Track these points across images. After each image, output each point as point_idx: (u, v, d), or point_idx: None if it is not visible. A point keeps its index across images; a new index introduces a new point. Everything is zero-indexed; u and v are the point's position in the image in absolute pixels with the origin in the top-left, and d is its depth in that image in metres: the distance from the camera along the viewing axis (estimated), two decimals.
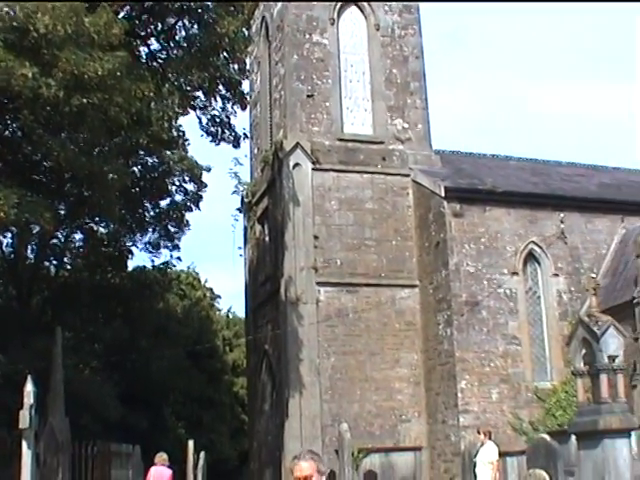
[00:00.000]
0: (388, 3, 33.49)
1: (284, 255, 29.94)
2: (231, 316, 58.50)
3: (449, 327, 28.84)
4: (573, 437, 18.89)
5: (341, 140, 31.52)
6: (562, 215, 31.35)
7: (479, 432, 22.95)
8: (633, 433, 20.12)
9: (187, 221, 40.22)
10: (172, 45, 26.61)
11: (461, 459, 25.16)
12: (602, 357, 17.79)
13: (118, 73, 20.78)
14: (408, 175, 31.63)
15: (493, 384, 28.69)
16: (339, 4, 32.94)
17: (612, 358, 17.97)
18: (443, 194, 29.53)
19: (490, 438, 22.23)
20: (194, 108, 28.67)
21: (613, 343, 18.00)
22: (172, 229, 39.88)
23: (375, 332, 30.02)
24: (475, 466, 21.76)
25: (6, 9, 19.58)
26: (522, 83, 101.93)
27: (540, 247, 30.86)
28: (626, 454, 17.48)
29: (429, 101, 33.49)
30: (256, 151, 35.79)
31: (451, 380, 28.53)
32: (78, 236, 38.29)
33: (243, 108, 29.79)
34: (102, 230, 37.78)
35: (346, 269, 30.24)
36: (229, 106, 29.02)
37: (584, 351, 18.54)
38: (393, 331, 30.21)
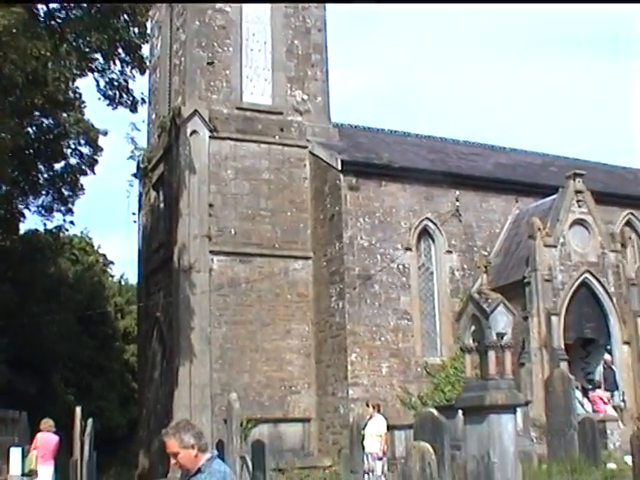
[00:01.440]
0: None
1: (178, 222, 29.68)
2: (124, 283, 57.82)
3: (341, 300, 28.97)
4: (460, 412, 19.13)
5: (240, 109, 31.32)
6: (457, 193, 31.68)
7: (368, 405, 23.11)
8: (519, 409, 20.50)
9: (82, 185, 39.50)
10: (71, 5, 26.04)
11: (349, 431, 25.29)
12: (491, 334, 18.00)
13: (14, 30, 20.31)
14: (306, 147, 31.61)
15: (383, 358, 28.93)
16: None
17: (500, 335, 18.20)
18: (339, 167, 29.59)
19: (379, 411, 22.40)
20: (92, 70, 28.07)
21: (502, 321, 18.22)
22: (66, 193, 39.11)
23: (267, 303, 30.01)
24: (363, 438, 21.90)
25: None
26: (426, 62, 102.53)
27: (434, 224, 31.16)
28: (511, 430, 17.75)
29: (330, 74, 33.52)
30: (154, 117, 35.36)
31: (341, 353, 28.69)
32: None
33: (142, 73, 29.27)
34: None
35: (240, 239, 30.13)
36: (128, 70, 28.45)
37: (473, 328, 18.75)
38: (285, 302, 30.24)
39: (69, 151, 38.58)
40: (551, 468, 21.56)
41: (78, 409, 26.91)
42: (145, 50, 29.49)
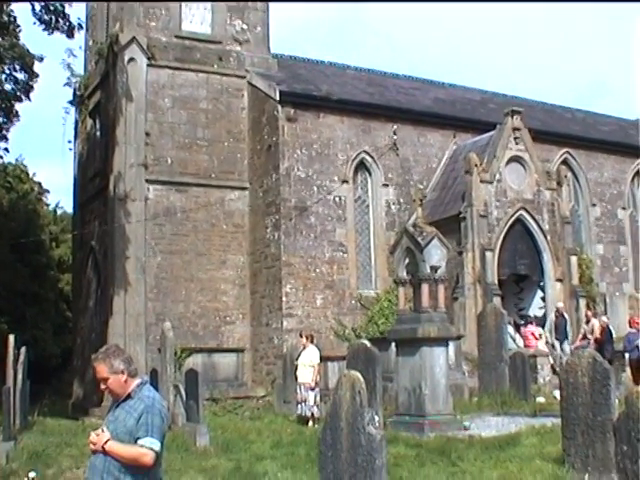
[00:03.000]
0: None
1: (114, 151, 29.26)
2: (59, 212, 57.16)
3: (277, 231, 28.93)
4: (393, 344, 19.28)
5: (178, 37, 30.83)
6: (395, 127, 31.66)
7: (302, 336, 23.22)
8: (451, 343, 20.72)
9: (16, 112, 38.64)
10: None
11: (283, 362, 25.43)
12: (425, 267, 18.14)
13: None
14: (244, 77, 31.26)
15: (318, 290, 29.02)
16: None
17: (434, 269, 18.34)
18: (278, 98, 29.37)
19: (312, 342, 22.50)
20: None
21: (436, 254, 18.37)
22: (0, 119, 38.40)
23: (203, 233, 29.86)
24: (296, 369, 22.01)
25: None
26: None
27: (372, 157, 31.14)
28: (443, 362, 17.98)
29: (270, 4, 33.06)
30: (91, 43, 34.66)
31: (276, 284, 28.72)
32: None
33: None
34: None
35: (177, 168, 29.84)
36: None
37: (407, 261, 18.88)
38: (221, 232, 30.11)
39: (3, 77, 37.71)
40: (482, 401, 21.89)
41: (11, 337, 26.62)
42: None
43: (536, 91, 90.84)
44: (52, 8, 28.08)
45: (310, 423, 20.63)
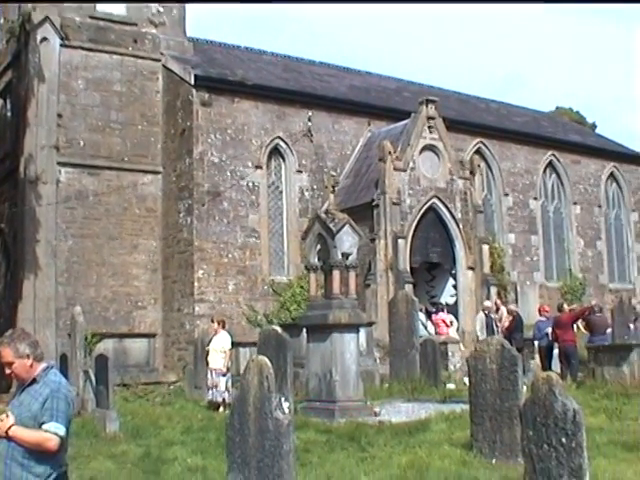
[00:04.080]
0: None
1: (25, 132, 28.76)
2: None
3: (189, 216, 28.78)
4: (305, 331, 19.29)
5: (93, 18, 30.35)
6: (310, 113, 31.66)
7: (213, 321, 23.10)
8: (362, 329, 20.78)
9: None
10: None
11: (194, 347, 25.30)
12: (336, 253, 18.16)
13: None
14: (159, 60, 30.96)
15: (230, 275, 28.93)
16: None
17: (346, 255, 18.37)
18: (192, 82, 29.17)
19: (224, 327, 22.40)
20: None
21: (348, 241, 18.39)
22: None
23: (115, 216, 29.53)
24: (207, 354, 21.91)
25: None
26: None
27: (286, 143, 31.12)
28: (353, 349, 18.02)
29: None
30: (2, 21, 33.97)
31: (188, 269, 28.57)
32: None
33: None
34: None
35: (89, 151, 29.44)
36: None
37: (319, 247, 18.88)
38: (133, 217, 29.82)
39: None
40: (392, 387, 22.01)
41: None
42: None
43: (451, 81, 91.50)
44: None
45: (221, 409, 20.55)
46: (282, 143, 31.09)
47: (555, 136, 41.47)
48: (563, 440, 9.11)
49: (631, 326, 26.11)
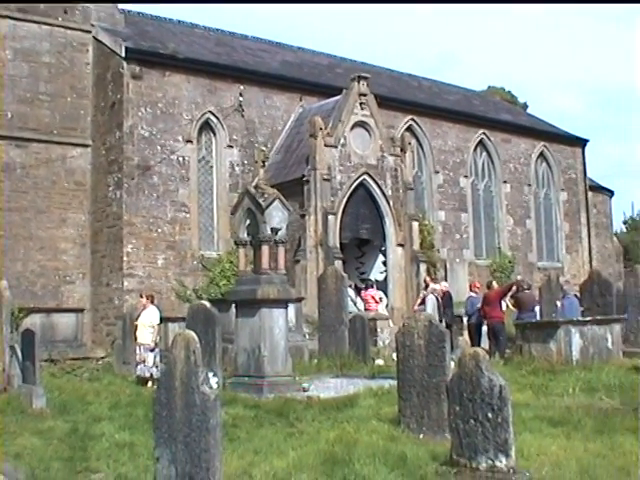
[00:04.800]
0: None
1: None
2: None
3: (119, 190, 28.53)
4: (234, 306, 19.23)
5: None
6: (242, 88, 31.54)
7: (142, 296, 22.97)
8: (291, 305, 20.78)
9: None
10: None
11: (122, 322, 25.11)
12: (265, 229, 18.11)
13: None
14: (89, 32, 30.56)
15: (159, 250, 28.78)
16: None
17: (275, 231, 18.33)
18: (123, 54, 28.86)
19: (152, 302, 22.27)
20: None
21: (277, 216, 18.34)
22: None
23: (43, 190, 29.15)
24: (136, 329, 21.77)
25: None
26: None
27: (217, 117, 30.95)
28: (282, 324, 18.00)
29: None
30: None
31: (117, 243, 28.35)
32: None
33: None
34: None
35: (17, 122, 28.98)
36: None
37: (248, 222, 18.82)
38: (62, 190, 29.46)
39: None
40: (321, 363, 22.04)
41: None
42: None
43: (384, 59, 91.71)
44: None
45: (149, 384, 20.44)
46: (213, 117, 30.92)
47: (486, 115, 41.74)
48: (489, 415, 9.19)
49: (558, 304, 26.42)
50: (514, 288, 24.77)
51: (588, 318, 21.75)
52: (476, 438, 9.28)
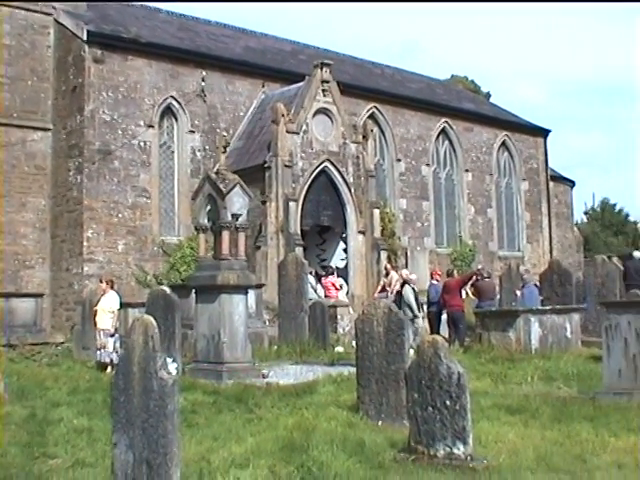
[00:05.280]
0: None
1: None
2: None
3: (79, 174, 28.38)
4: (194, 292, 19.20)
5: None
6: (204, 73, 31.43)
7: (102, 281, 22.86)
8: (252, 291, 20.76)
9: None
10: None
11: (82, 307, 24.99)
12: (226, 214, 18.06)
13: None
14: (51, 14, 30.30)
15: (120, 235, 28.67)
16: None
17: (236, 217, 18.29)
18: (85, 38, 28.68)
19: (112, 288, 22.19)
20: None
21: (238, 202, 18.29)
22: None
23: (2, 174, 28.90)
24: (95, 314, 21.68)
25: None
26: None
27: (179, 103, 30.84)
28: (242, 310, 17.97)
29: None
30: None
31: (77, 228, 28.20)
32: None
33: None
34: None
35: None
36: None
37: (209, 207, 18.76)
38: (22, 174, 29.23)
39: None
40: (281, 349, 22.06)
41: None
42: None
43: (348, 46, 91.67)
44: None
45: (109, 369, 20.36)
46: (175, 103, 30.81)
47: (449, 104, 41.88)
48: (447, 402, 9.26)
49: (518, 293, 26.58)
50: (474, 277, 24.93)
51: (547, 307, 21.98)
52: (434, 425, 9.34)
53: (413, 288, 25.38)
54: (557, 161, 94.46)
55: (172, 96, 30.66)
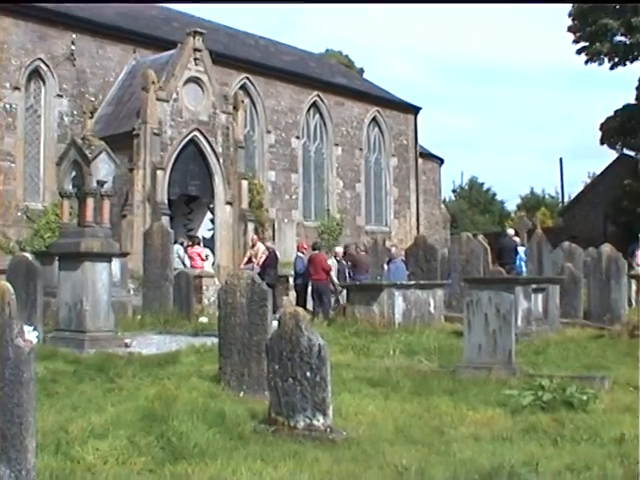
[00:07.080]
0: None
1: None
2: None
3: None
4: (57, 259, 18.89)
5: None
6: (74, 36, 30.84)
7: None
8: (117, 260, 20.53)
9: None
10: None
11: None
12: (91, 181, 17.77)
13: None
14: None
15: None
16: None
17: (101, 183, 18.01)
18: None
19: None
20: None
21: (104, 169, 18.02)
22: None
23: None
24: None
25: None
26: None
27: (47, 65, 30.18)
28: (105, 278, 17.74)
29: None
30: None
31: None
32: None
33: None
34: None
35: None
36: None
37: (74, 174, 18.44)
38: None
39: None
40: (145, 319, 21.90)
41: None
42: None
43: (224, 16, 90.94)
44: None
45: None
46: (43, 65, 30.14)
47: (321, 77, 41.99)
48: (308, 374, 9.30)
49: (385, 267, 26.89)
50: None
51: (412, 282, 22.27)
52: (294, 397, 9.38)
53: (338, 261, 25.61)
54: (428, 139, 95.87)
55: (40, 58, 29.97)
